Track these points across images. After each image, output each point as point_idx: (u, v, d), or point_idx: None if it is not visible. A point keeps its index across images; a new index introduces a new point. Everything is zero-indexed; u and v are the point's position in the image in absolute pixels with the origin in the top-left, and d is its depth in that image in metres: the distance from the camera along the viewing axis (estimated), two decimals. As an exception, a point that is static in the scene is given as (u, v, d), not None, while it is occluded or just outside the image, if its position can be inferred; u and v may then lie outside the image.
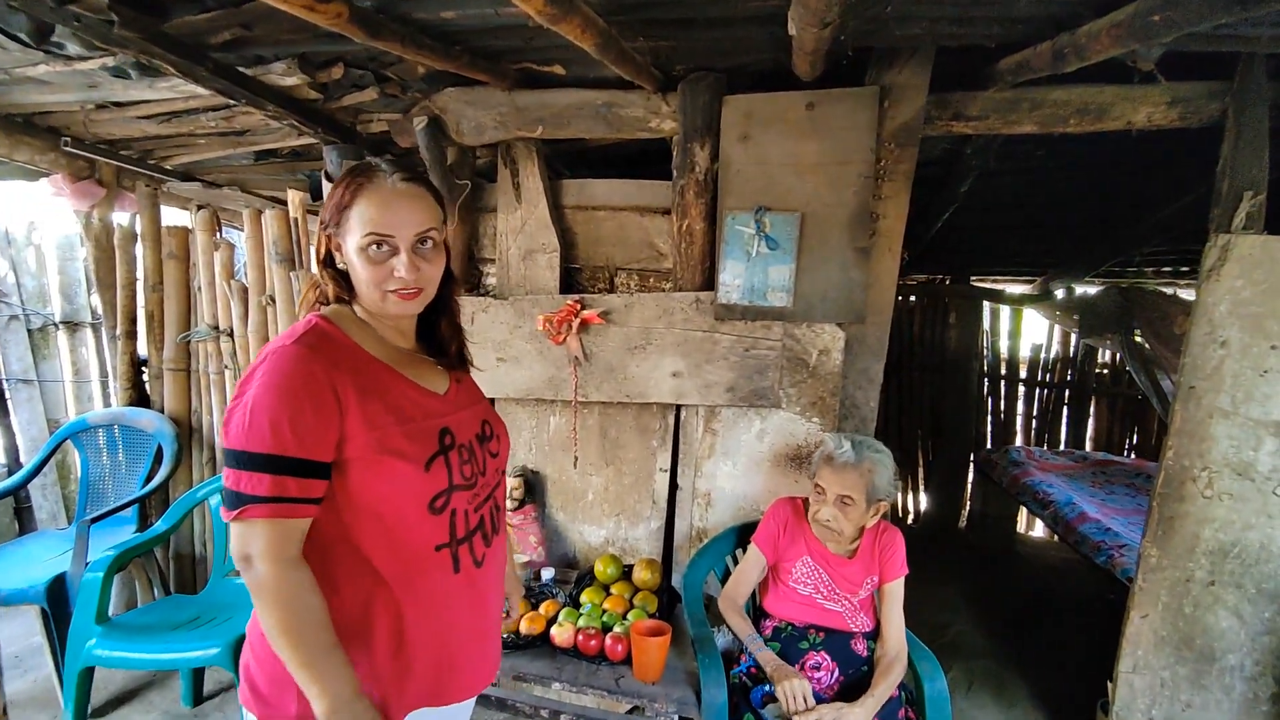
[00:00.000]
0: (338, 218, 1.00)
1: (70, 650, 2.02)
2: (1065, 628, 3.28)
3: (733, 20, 1.65)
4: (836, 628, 1.76)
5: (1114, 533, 2.73)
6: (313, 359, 0.92)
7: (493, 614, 1.15)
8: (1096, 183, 2.98)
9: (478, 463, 1.09)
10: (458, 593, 1.05)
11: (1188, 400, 1.84)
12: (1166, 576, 1.90)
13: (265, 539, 0.89)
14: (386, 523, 0.98)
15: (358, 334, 1.03)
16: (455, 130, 2.20)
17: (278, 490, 0.88)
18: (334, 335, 0.99)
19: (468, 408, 1.14)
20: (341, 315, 1.05)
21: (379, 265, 0.98)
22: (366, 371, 0.99)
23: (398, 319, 1.07)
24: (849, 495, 1.66)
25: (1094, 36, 1.36)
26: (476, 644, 1.10)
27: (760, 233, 2.00)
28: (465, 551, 1.05)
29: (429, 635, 1.02)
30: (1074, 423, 4.68)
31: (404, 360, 1.07)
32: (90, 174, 2.73)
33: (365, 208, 0.97)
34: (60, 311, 3.35)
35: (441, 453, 1.01)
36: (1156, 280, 4.75)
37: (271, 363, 0.91)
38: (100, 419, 2.81)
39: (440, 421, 1.04)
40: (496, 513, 1.16)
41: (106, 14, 1.38)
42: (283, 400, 0.88)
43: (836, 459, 1.69)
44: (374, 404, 0.96)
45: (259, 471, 0.87)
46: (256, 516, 0.88)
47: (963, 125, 1.98)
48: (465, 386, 1.18)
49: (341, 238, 1.01)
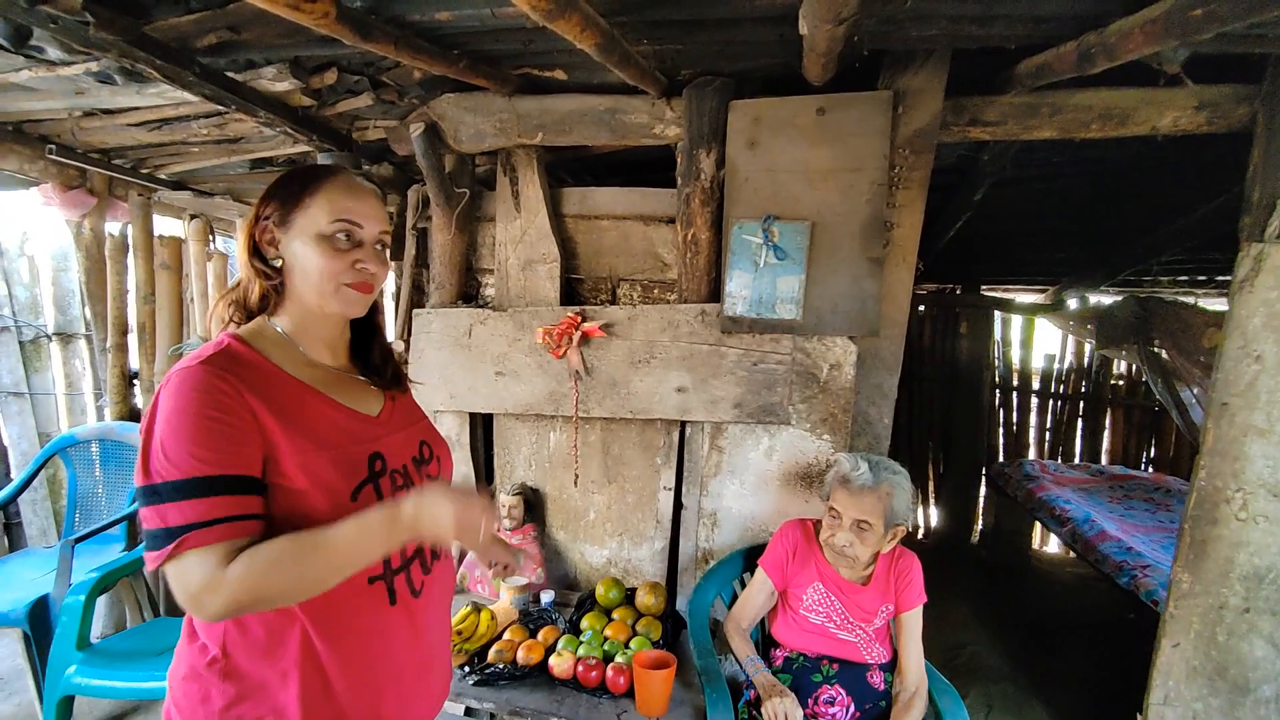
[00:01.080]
0: (290, 206, 0.94)
1: (49, 677, 1.94)
2: (1085, 649, 3.17)
3: (741, 20, 1.58)
4: (851, 659, 1.67)
5: (1136, 552, 2.63)
6: (222, 378, 0.85)
7: (436, 642, 1.07)
8: (1113, 189, 2.89)
9: (413, 487, 1.01)
10: (395, 627, 0.97)
11: (1220, 417, 1.75)
12: (1199, 603, 1.81)
13: (205, 568, 0.80)
14: None
15: (278, 354, 0.95)
16: (453, 137, 2.14)
17: (218, 511, 0.80)
18: (247, 357, 0.91)
19: (403, 429, 1.06)
20: (259, 334, 0.97)
21: (340, 255, 0.94)
22: (285, 395, 0.91)
23: (333, 325, 1.01)
24: (866, 520, 1.57)
25: (1125, 35, 1.28)
26: (416, 680, 1.01)
27: (768, 242, 1.93)
28: (402, 582, 0.98)
29: (361, 675, 0.94)
30: (1089, 435, 4.58)
31: (331, 381, 1.00)
32: (81, 183, 2.68)
33: (335, 195, 0.95)
34: (53, 323, 3.29)
35: (370, 480, 0.94)
36: (1174, 290, 4.65)
37: (174, 386, 0.84)
38: (90, 434, 2.74)
39: (370, 446, 0.97)
40: None
41: (81, 14, 1.32)
42: (195, 422, 0.81)
43: (853, 481, 1.60)
44: (294, 429, 0.88)
45: (189, 499, 0.80)
46: (198, 545, 0.79)
47: (980, 131, 1.90)
48: (401, 406, 1.10)
49: (289, 228, 0.94)
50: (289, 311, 0.98)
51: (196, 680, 0.90)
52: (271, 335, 0.97)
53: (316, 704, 0.90)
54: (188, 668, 0.91)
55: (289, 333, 0.98)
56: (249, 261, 0.97)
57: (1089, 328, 3.68)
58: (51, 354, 3.28)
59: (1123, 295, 4.14)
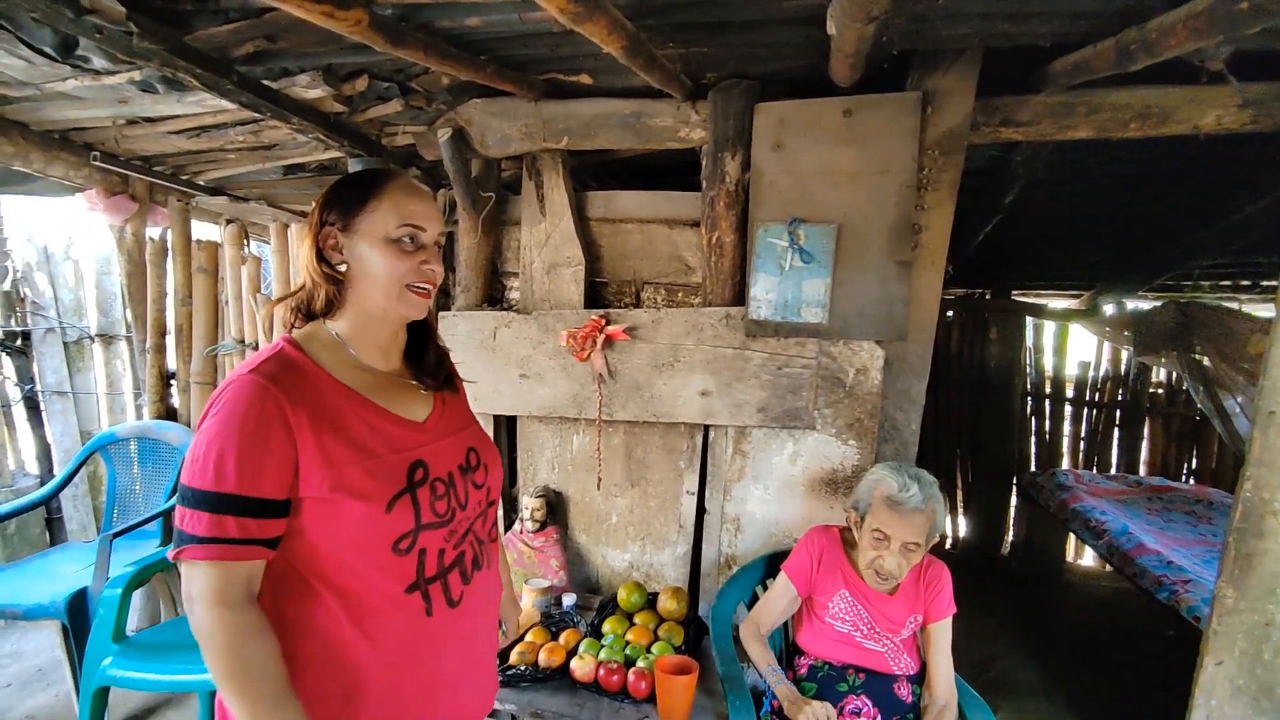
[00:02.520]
0: (353, 211, 0.95)
1: (86, 669, 1.99)
2: (1121, 665, 3.06)
3: (767, 22, 1.57)
4: (878, 669, 1.63)
5: (1177, 566, 2.54)
6: (267, 392, 0.86)
7: (477, 656, 1.06)
8: (1152, 190, 2.81)
9: (457, 496, 1.01)
10: (431, 637, 0.96)
11: (1268, 426, 1.67)
12: (1244, 620, 1.73)
13: (204, 581, 0.83)
14: (346, 564, 0.91)
15: (328, 358, 0.96)
16: (480, 142, 2.16)
17: (215, 531, 0.82)
18: (299, 362, 0.93)
19: (450, 435, 1.05)
20: (312, 338, 0.98)
21: (407, 257, 0.96)
22: (330, 402, 0.92)
23: (390, 329, 1.02)
24: (916, 542, 1.53)
25: (1167, 31, 1.24)
26: (451, 692, 1.00)
27: (794, 245, 1.91)
28: (438, 591, 0.97)
29: (393, 685, 0.93)
30: (1126, 445, 4.44)
31: (379, 386, 1.00)
32: (124, 189, 2.76)
33: (400, 198, 0.96)
34: (95, 325, 3.41)
35: (408, 490, 0.93)
36: (1217, 295, 4.50)
37: (225, 395, 0.86)
38: (128, 432, 2.82)
39: (412, 455, 0.97)
40: (481, 546, 1.07)
41: (125, 25, 1.36)
42: (230, 436, 0.83)
43: (904, 504, 1.52)
44: (332, 439, 0.89)
45: (199, 510, 0.82)
46: (193, 558, 0.82)
47: (1012, 131, 1.86)
48: (452, 410, 1.10)
49: (353, 233, 0.95)
50: (347, 315, 0.99)
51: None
52: (324, 339, 0.98)
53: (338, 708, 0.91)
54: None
55: (343, 336, 0.99)
56: (315, 267, 0.97)
57: (1126, 334, 3.56)
58: (94, 355, 3.40)
59: (1162, 300, 4.01)
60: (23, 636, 2.92)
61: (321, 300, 0.98)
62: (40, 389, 3.25)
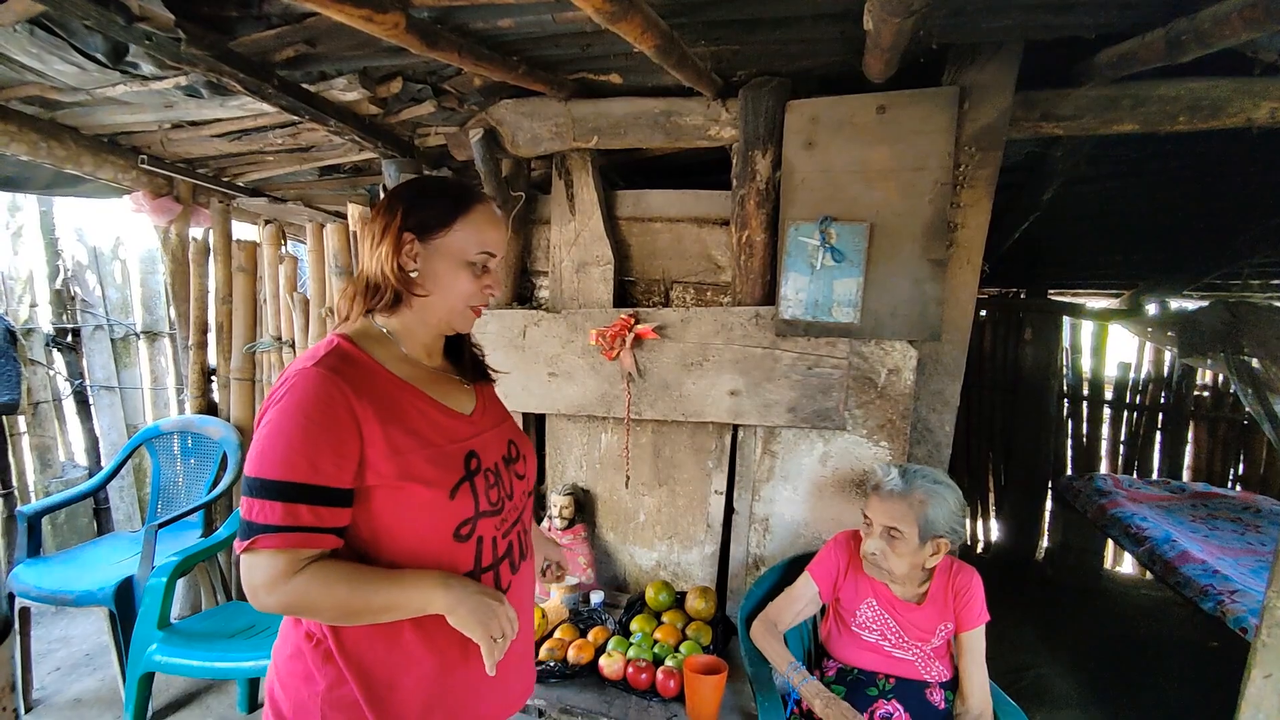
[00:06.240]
0: (435, 227, 0.98)
1: (132, 654, 2.06)
2: (1162, 677, 2.96)
3: (800, 19, 1.55)
4: (909, 676, 1.60)
5: (1223, 575, 2.45)
6: (333, 383, 0.88)
7: (520, 644, 1.09)
8: (1200, 186, 2.71)
9: (504, 486, 1.05)
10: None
11: (1324, 432, 1.61)
12: (1297, 633, 1.66)
13: (271, 569, 0.84)
14: (410, 551, 0.94)
15: (381, 352, 0.99)
16: (510, 142, 2.18)
17: (290, 520, 0.84)
18: (356, 356, 0.96)
19: (494, 428, 1.10)
20: (365, 333, 1.01)
21: (477, 280, 1.01)
22: (389, 394, 0.95)
23: (438, 332, 1.07)
24: (895, 527, 1.51)
25: (1221, 20, 1.20)
26: (498, 681, 1.03)
27: (825, 244, 1.89)
28: (490, 580, 1.01)
29: (443, 671, 0.97)
30: (1169, 449, 4.29)
31: (429, 380, 1.04)
32: (168, 191, 2.86)
33: (482, 225, 1.00)
34: (141, 322, 3.54)
35: (467, 478, 0.97)
36: (1268, 294, 4.32)
37: (289, 386, 0.88)
38: (172, 426, 2.92)
39: (466, 445, 1.00)
40: (524, 536, 1.12)
41: (174, 31, 1.40)
42: (299, 426, 0.85)
43: (883, 487, 1.56)
44: (396, 429, 0.92)
45: (272, 499, 0.84)
46: (266, 547, 0.84)
47: (1052, 126, 1.81)
48: (490, 404, 1.15)
49: (431, 246, 0.98)
50: (403, 315, 1.02)
51: (300, 659, 0.94)
52: (375, 334, 1.02)
53: (414, 697, 0.94)
54: (293, 646, 0.96)
55: (394, 332, 1.02)
56: (393, 270, 0.98)
57: (1170, 335, 3.43)
58: (139, 351, 3.52)
59: (1209, 300, 3.87)
60: (70, 622, 3.03)
61: (389, 298, 1.00)
62: (89, 384, 3.38)
